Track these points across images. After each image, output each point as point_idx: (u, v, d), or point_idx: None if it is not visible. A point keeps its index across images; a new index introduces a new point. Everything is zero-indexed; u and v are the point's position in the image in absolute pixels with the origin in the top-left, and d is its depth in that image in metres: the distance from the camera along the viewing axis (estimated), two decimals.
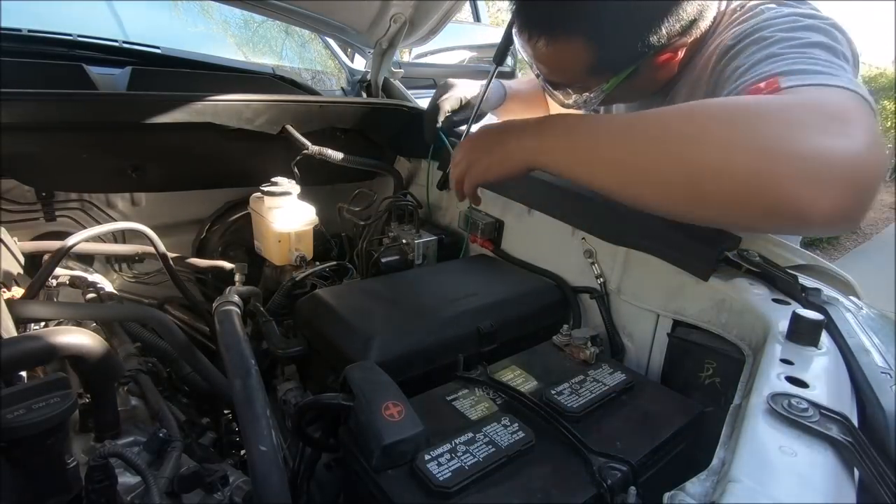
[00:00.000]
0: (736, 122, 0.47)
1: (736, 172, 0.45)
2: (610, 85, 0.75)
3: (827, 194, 0.43)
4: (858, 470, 0.40)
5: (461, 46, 2.93)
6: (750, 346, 0.60)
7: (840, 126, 0.44)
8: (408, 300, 0.79)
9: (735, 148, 0.45)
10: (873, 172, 0.44)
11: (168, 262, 0.92)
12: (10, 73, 0.98)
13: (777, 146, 0.44)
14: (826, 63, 0.55)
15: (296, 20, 1.28)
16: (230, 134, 1.02)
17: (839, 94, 0.49)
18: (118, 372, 0.63)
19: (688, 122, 0.49)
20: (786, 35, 0.61)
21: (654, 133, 0.51)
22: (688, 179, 0.48)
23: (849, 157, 0.43)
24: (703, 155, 0.47)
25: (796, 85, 0.50)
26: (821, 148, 0.43)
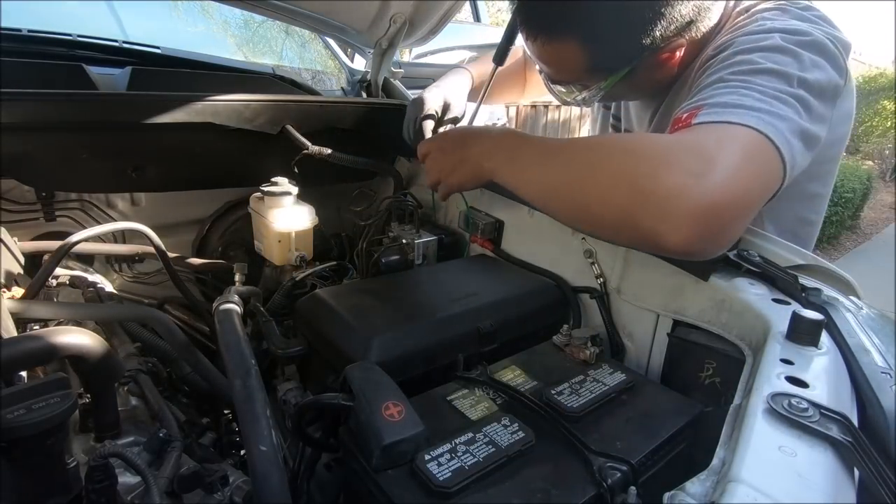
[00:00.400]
0: (622, 160, 0.54)
1: (613, 205, 0.54)
2: (608, 83, 0.77)
3: (678, 231, 0.49)
4: (858, 470, 0.40)
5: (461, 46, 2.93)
6: (750, 346, 0.60)
7: (704, 167, 0.50)
8: (408, 300, 0.80)
9: (614, 184, 0.54)
10: (725, 212, 0.50)
11: (168, 261, 0.92)
12: (10, 73, 0.98)
13: (643, 186, 0.51)
14: (757, 95, 0.57)
15: (296, 20, 1.28)
16: (230, 134, 1.02)
17: (733, 133, 0.54)
18: (118, 372, 0.63)
19: (591, 154, 0.58)
20: (743, 58, 0.63)
21: (567, 161, 0.60)
22: (583, 205, 0.58)
23: (700, 199, 0.48)
24: (593, 187, 0.56)
25: (704, 122, 0.56)
26: (676, 190, 0.49)
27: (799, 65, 0.62)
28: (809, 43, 0.64)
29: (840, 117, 0.72)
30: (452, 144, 0.77)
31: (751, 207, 0.54)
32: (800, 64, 0.62)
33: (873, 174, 6.71)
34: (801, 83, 0.61)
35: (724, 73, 0.63)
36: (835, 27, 0.70)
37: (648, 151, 0.53)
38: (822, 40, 0.65)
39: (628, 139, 0.60)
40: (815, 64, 0.63)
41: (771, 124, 0.55)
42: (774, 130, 0.54)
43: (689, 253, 0.53)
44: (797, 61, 0.62)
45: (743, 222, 0.54)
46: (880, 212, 6.15)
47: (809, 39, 0.64)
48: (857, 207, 5.54)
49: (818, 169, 0.76)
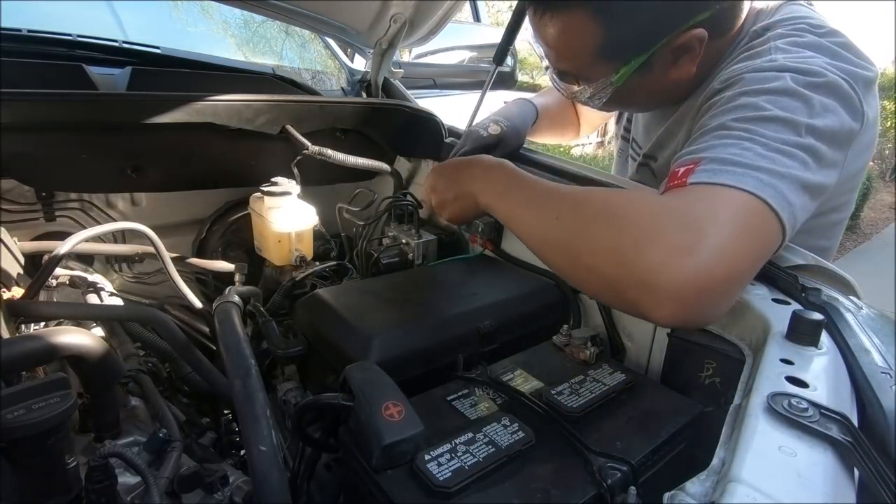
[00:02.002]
0: (609, 226, 0.53)
1: (598, 273, 0.53)
2: (619, 76, 0.71)
3: (663, 305, 0.48)
4: (858, 470, 0.40)
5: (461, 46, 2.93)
6: (750, 346, 0.60)
7: (691, 241, 0.48)
8: (408, 300, 0.79)
9: (600, 253, 0.53)
10: (713, 290, 0.48)
11: (168, 262, 0.92)
12: (10, 73, 0.98)
13: (627, 259, 0.50)
14: (760, 149, 0.54)
15: (296, 20, 1.28)
16: (230, 134, 1.02)
17: (728, 199, 0.51)
18: (118, 372, 0.63)
19: (579, 214, 0.57)
20: (748, 101, 0.59)
21: (555, 216, 0.58)
22: (570, 266, 0.58)
23: (685, 278, 0.47)
24: (579, 251, 0.55)
25: (700, 182, 0.53)
26: (660, 266, 0.47)
27: (808, 111, 0.58)
28: (822, 85, 0.60)
29: (859, 149, 0.67)
30: (446, 182, 0.77)
31: (742, 280, 0.52)
32: (809, 110, 0.58)
33: (873, 174, 6.71)
34: (810, 131, 0.57)
35: (728, 118, 0.59)
36: (858, 56, 0.65)
37: (635, 220, 0.51)
38: (836, 81, 0.60)
39: (617, 201, 0.55)
40: (827, 108, 0.59)
41: (771, 186, 0.52)
42: (774, 193, 0.52)
43: (675, 325, 0.55)
44: (807, 107, 0.58)
45: (733, 295, 0.52)
46: (880, 212, 6.15)
47: (822, 81, 0.60)
48: (858, 207, 5.54)
49: (834, 201, 0.72)
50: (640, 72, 0.71)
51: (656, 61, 0.70)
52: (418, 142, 1.24)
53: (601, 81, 0.73)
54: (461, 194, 0.74)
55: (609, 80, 0.72)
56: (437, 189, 0.78)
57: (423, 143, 1.24)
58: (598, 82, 0.73)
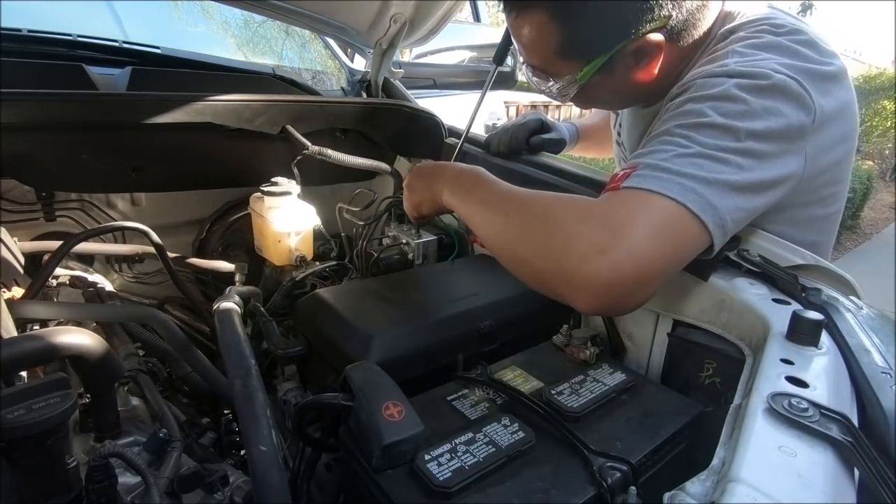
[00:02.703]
0: (543, 228, 0.59)
1: (533, 268, 0.60)
2: (583, 74, 0.74)
3: (581, 296, 0.55)
4: (858, 470, 0.40)
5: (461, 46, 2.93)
6: (750, 346, 0.60)
7: (609, 241, 0.53)
8: (408, 300, 0.79)
9: (534, 250, 0.59)
10: (626, 284, 0.53)
11: (168, 261, 0.92)
12: (10, 73, 0.98)
13: (555, 256, 0.56)
14: (691, 158, 0.58)
15: (296, 20, 1.28)
16: (230, 134, 1.02)
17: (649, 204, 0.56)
18: (118, 372, 0.63)
19: (522, 215, 0.63)
20: (692, 107, 0.63)
21: (501, 214, 0.65)
22: (512, 261, 0.64)
23: (600, 273, 0.53)
24: (519, 248, 0.62)
25: (630, 186, 0.58)
26: (580, 263, 0.54)
27: (749, 115, 0.60)
28: (766, 87, 0.62)
29: (829, 143, 0.69)
30: (425, 172, 0.83)
31: (654, 277, 0.56)
32: (751, 113, 0.60)
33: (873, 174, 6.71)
34: (750, 135, 0.60)
35: (672, 124, 0.63)
36: (819, 53, 0.67)
37: (565, 220, 0.58)
38: (783, 82, 0.62)
39: (555, 204, 0.61)
40: (769, 111, 0.61)
41: (694, 192, 0.56)
42: (696, 199, 0.56)
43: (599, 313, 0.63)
44: (748, 111, 0.60)
45: (649, 288, 0.56)
46: (880, 212, 6.14)
47: (768, 83, 0.62)
48: (857, 207, 5.53)
49: (815, 195, 0.73)
50: (603, 72, 0.74)
51: (617, 63, 0.73)
52: (418, 142, 1.25)
53: (567, 78, 0.76)
54: (429, 190, 0.80)
55: (574, 77, 0.75)
56: (412, 187, 0.85)
57: (423, 143, 1.24)
58: (565, 79, 0.76)
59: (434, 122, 1.22)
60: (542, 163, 0.99)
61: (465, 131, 1.04)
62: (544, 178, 0.94)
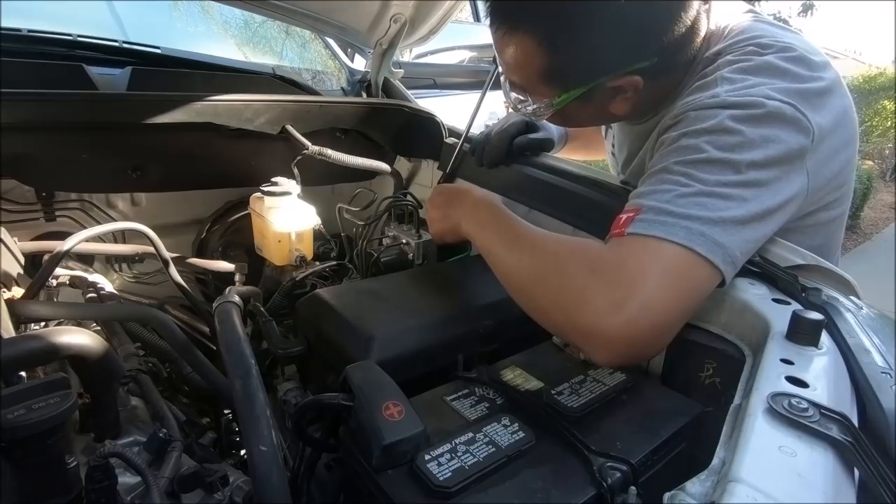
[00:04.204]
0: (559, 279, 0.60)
1: (550, 317, 0.62)
2: (560, 101, 0.74)
3: (600, 352, 0.56)
4: (858, 470, 0.40)
5: (461, 46, 2.93)
6: (750, 346, 0.60)
7: (623, 295, 0.54)
8: (408, 300, 0.79)
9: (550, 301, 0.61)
10: (643, 338, 0.54)
11: (168, 261, 0.92)
12: (10, 73, 0.98)
13: (571, 311, 0.57)
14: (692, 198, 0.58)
15: (296, 20, 1.28)
16: (230, 134, 1.02)
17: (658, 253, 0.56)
18: (118, 372, 0.63)
19: (539, 263, 0.64)
20: (689, 143, 0.62)
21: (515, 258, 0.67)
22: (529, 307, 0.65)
23: (617, 330, 0.53)
24: (536, 297, 0.64)
25: (636, 233, 0.58)
26: (596, 320, 0.55)
27: (748, 146, 0.60)
28: (762, 116, 0.61)
29: (830, 153, 0.68)
30: (441, 200, 0.87)
31: (673, 324, 0.56)
32: (749, 145, 0.60)
33: (873, 174, 6.70)
34: (751, 165, 0.59)
35: (670, 161, 0.62)
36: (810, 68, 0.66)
37: (577, 274, 0.58)
38: (778, 109, 0.61)
39: (565, 254, 0.61)
40: (767, 139, 0.60)
41: (699, 234, 0.56)
42: (703, 241, 0.55)
43: (614, 366, 0.63)
44: (746, 142, 0.60)
45: (668, 337, 0.57)
46: (880, 212, 6.13)
47: (762, 113, 0.61)
48: (857, 207, 5.53)
49: (818, 203, 0.72)
50: (580, 101, 0.74)
51: (595, 95, 0.73)
52: (418, 142, 1.25)
53: (544, 101, 0.76)
54: (450, 218, 0.83)
55: (552, 101, 0.75)
56: (433, 218, 0.88)
57: (423, 143, 1.24)
58: (542, 101, 0.77)
59: (434, 122, 1.22)
60: (542, 163, 0.99)
61: (465, 131, 1.04)
62: (545, 178, 0.94)
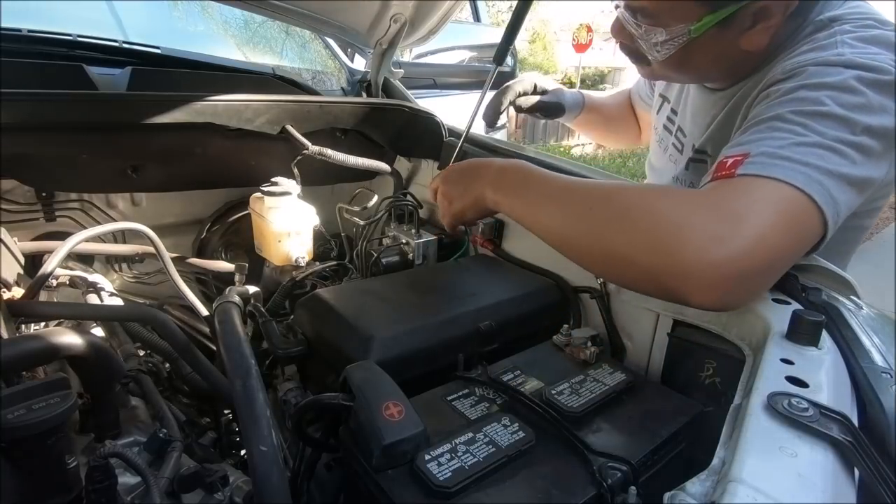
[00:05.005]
0: (645, 219, 0.54)
1: (636, 264, 0.54)
2: (701, 24, 0.67)
3: (701, 292, 0.50)
4: (859, 470, 0.40)
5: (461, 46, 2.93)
6: (750, 346, 0.60)
7: (730, 229, 0.49)
8: (408, 300, 0.79)
9: (638, 244, 0.53)
10: (751, 275, 0.50)
11: (168, 261, 0.92)
12: (10, 73, 0.98)
13: (667, 247, 0.51)
14: (811, 147, 0.55)
15: (296, 20, 1.28)
16: (230, 134, 1.02)
17: (774, 192, 0.53)
18: (118, 372, 0.63)
19: (609, 207, 0.57)
20: (808, 95, 0.60)
21: (580, 209, 0.59)
22: (604, 259, 0.58)
23: (724, 263, 0.49)
24: (614, 243, 0.56)
25: (749, 174, 0.54)
26: (699, 253, 0.49)
27: (868, 109, 0.58)
28: (887, 84, 0.59)
29: None
30: (458, 175, 0.77)
31: (780, 268, 0.54)
32: (869, 108, 0.58)
33: None
34: (866, 130, 0.58)
35: (785, 109, 0.59)
36: None
37: (672, 212, 0.52)
38: None
39: (654, 195, 0.56)
40: (885, 109, 0.59)
41: (818, 182, 0.53)
42: (820, 189, 0.53)
43: (716, 309, 0.57)
44: (867, 104, 0.58)
45: (771, 280, 0.54)
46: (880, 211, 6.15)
47: (887, 80, 0.59)
48: None
49: (867, 205, 0.72)
50: (719, 27, 0.68)
51: (737, 20, 0.68)
52: (418, 142, 1.25)
53: (678, 28, 0.69)
54: (471, 192, 0.73)
55: (688, 27, 0.69)
56: (449, 195, 0.78)
57: (423, 143, 1.24)
58: (675, 28, 0.69)
59: (434, 122, 1.22)
60: (541, 162, 0.99)
61: (465, 131, 1.04)
62: None
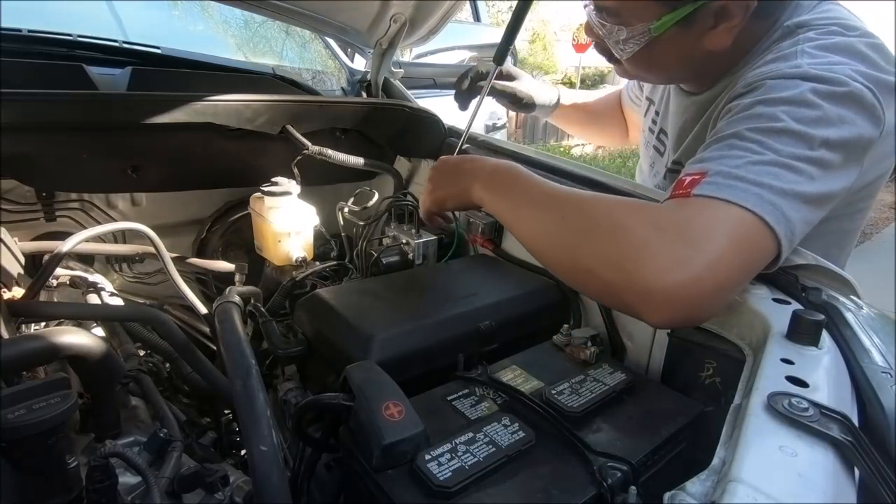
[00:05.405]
0: (612, 236, 0.56)
1: (598, 277, 0.56)
2: (661, 23, 0.69)
3: (658, 311, 0.52)
4: (859, 470, 0.40)
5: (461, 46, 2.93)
6: (750, 346, 0.60)
7: (687, 254, 0.51)
8: (408, 300, 0.79)
9: (602, 259, 0.56)
10: (703, 299, 0.52)
11: (168, 261, 0.92)
12: (10, 73, 0.98)
13: (628, 267, 0.53)
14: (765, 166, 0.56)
15: (296, 20, 1.28)
16: (230, 134, 1.02)
17: (726, 215, 0.54)
18: (118, 372, 0.63)
19: (583, 220, 0.60)
20: (765, 111, 0.60)
21: (554, 216, 0.62)
22: (570, 268, 0.61)
23: (678, 287, 0.51)
24: (581, 255, 0.58)
25: (703, 195, 0.56)
26: (656, 276, 0.51)
27: (825, 122, 0.59)
28: (843, 95, 0.60)
29: (878, 158, 0.67)
30: (451, 167, 0.79)
31: (731, 289, 0.55)
32: (826, 121, 0.59)
33: None
34: (824, 144, 0.58)
35: (743, 126, 0.60)
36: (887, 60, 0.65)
37: (638, 229, 0.54)
38: (859, 91, 0.60)
39: (622, 209, 0.58)
40: (844, 119, 0.59)
41: (770, 203, 0.54)
42: (772, 210, 0.54)
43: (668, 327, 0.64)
44: (824, 118, 0.59)
45: (722, 303, 0.55)
46: (880, 212, 6.13)
47: (844, 91, 0.60)
48: None
49: (847, 209, 0.72)
50: (680, 26, 0.70)
51: (698, 20, 0.69)
52: (418, 142, 1.25)
53: (639, 27, 0.71)
54: (458, 184, 0.76)
55: (648, 26, 0.70)
56: (437, 182, 0.80)
57: (423, 143, 1.24)
58: (636, 27, 0.72)
59: (434, 122, 1.22)
60: (540, 161, 0.99)
61: (465, 131, 1.04)
62: None
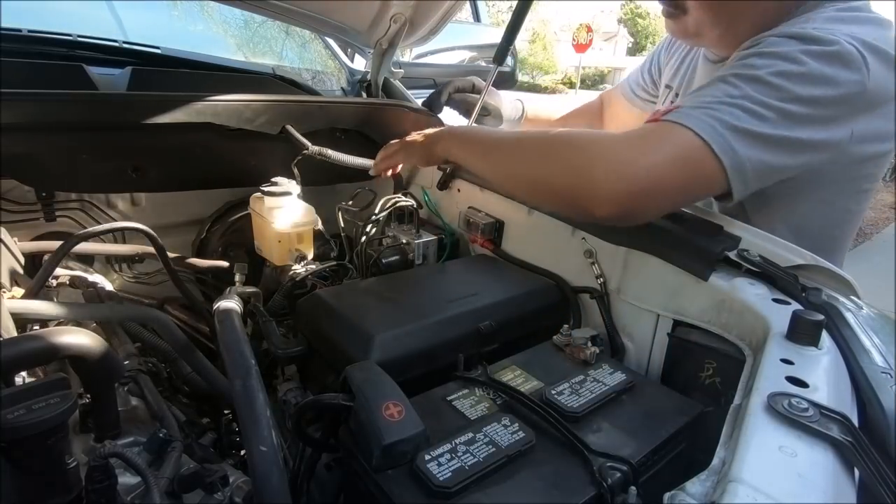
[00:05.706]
0: (570, 152, 0.66)
1: (554, 186, 0.67)
2: None
3: (602, 205, 0.61)
4: (859, 470, 0.40)
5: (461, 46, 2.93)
6: (750, 346, 0.60)
7: (635, 156, 0.61)
8: (408, 300, 0.79)
9: (560, 170, 0.66)
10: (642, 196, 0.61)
11: (168, 261, 0.92)
12: (10, 73, 0.98)
13: (582, 172, 0.63)
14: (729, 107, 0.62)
15: (296, 20, 1.28)
16: (230, 134, 1.02)
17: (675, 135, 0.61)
18: (118, 372, 0.63)
19: (543, 146, 0.70)
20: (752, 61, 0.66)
21: (516, 148, 0.73)
22: (531, 186, 0.73)
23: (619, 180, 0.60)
24: (539, 173, 0.69)
25: (669, 120, 0.63)
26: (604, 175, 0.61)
27: (805, 79, 0.63)
28: (831, 55, 0.63)
29: (885, 132, 0.70)
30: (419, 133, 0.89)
31: (672, 195, 0.63)
32: (808, 77, 0.63)
33: None
34: (797, 99, 0.62)
35: (729, 72, 0.66)
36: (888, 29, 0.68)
37: (592, 146, 0.64)
38: (847, 50, 0.63)
39: (577, 135, 0.69)
40: (827, 78, 0.63)
41: (721, 136, 0.60)
42: (721, 142, 0.60)
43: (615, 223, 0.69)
44: (806, 75, 0.63)
45: (664, 204, 0.65)
46: (880, 212, 6.13)
47: (833, 50, 0.63)
48: None
49: (852, 185, 0.75)
50: None
51: None
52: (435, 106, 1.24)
53: None
54: (425, 141, 0.87)
55: None
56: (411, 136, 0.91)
57: None
58: None
59: (434, 122, 1.22)
60: None
61: None
62: None
